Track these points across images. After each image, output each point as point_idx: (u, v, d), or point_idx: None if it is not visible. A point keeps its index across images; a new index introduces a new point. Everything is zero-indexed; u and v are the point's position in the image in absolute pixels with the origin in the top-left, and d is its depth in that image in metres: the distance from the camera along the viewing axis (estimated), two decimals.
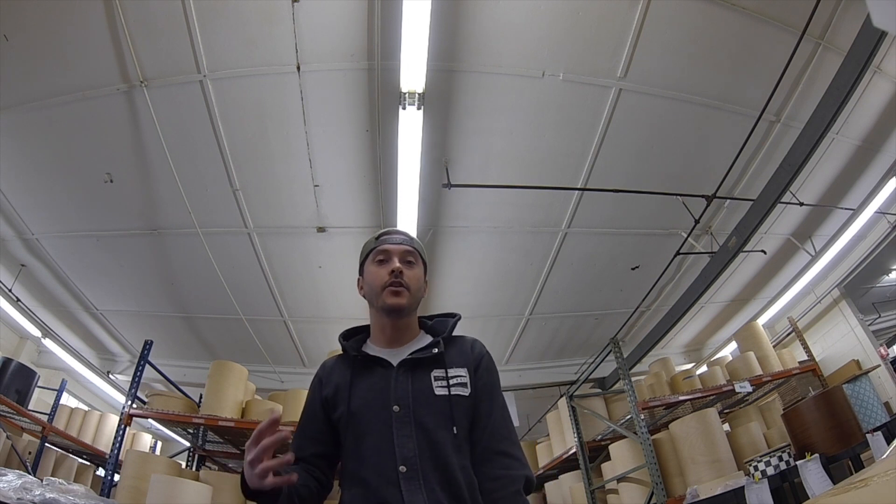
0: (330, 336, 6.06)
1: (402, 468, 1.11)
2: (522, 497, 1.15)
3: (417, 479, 1.11)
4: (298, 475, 1.11)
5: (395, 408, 1.18)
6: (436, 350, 1.27)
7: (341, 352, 1.38)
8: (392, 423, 1.17)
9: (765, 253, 4.71)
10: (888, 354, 5.52)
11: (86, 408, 6.29)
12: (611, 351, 4.45)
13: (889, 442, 2.84)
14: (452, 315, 1.41)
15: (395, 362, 1.25)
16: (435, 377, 1.23)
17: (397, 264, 1.31)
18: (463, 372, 1.26)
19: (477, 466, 1.19)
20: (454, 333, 1.37)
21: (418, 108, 3.18)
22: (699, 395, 4.28)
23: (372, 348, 1.33)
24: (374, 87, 3.46)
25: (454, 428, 1.18)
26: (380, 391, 1.21)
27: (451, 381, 1.23)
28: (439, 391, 1.21)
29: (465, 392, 1.23)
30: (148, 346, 4.13)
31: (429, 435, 1.16)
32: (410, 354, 1.26)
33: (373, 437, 1.17)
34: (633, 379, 4.28)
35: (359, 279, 1.42)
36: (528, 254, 5.06)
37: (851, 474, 2.71)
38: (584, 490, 4.45)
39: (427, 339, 1.34)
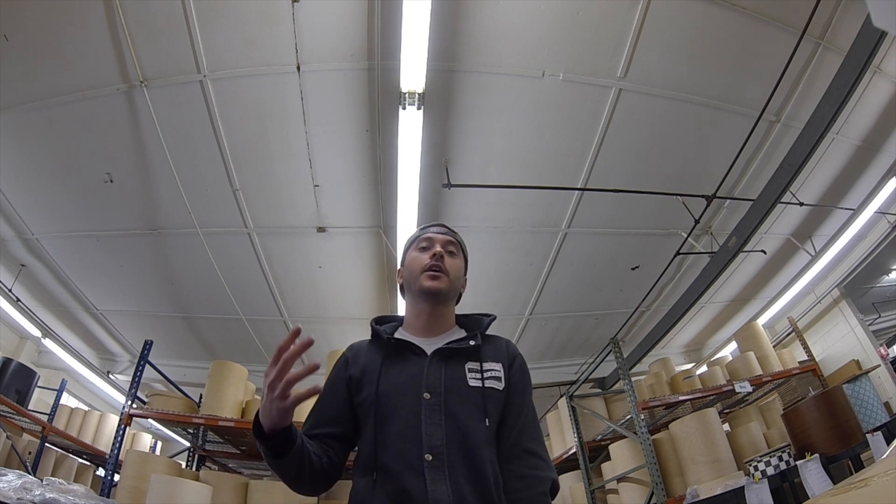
0: (330, 336, 6.06)
1: (428, 456, 1.08)
2: (548, 499, 1.14)
3: (443, 468, 1.07)
4: (310, 446, 1.09)
5: (426, 395, 1.15)
6: (472, 343, 1.26)
7: (370, 337, 1.36)
8: (421, 410, 1.13)
9: (765, 253, 4.71)
10: (888, 354, 5.52)
11: (86, 408, 6.30)
12: (611, 351, 4.45)
13: (889, 442, 2.84)
14: (488, 315, 1.40)
15: (428, 350, 1.24)
16: (469, 369, 1.22)
17: (439, 249, 1.33)
18: (497, 367, 1.25)
19: (503, 463, 1.16)
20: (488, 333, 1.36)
21: (418, 108, 3.18)
22: (699, 395, 4.27)
23: (405, 335, 1.31)
24: (374, 87, 3.46)
25: (486, 420, 1.16)
26: (411, 377, 1.19)
27: (486, 374, 1.22)
28: (473, 382, 1.20)
29: (500, 386, 1.22)
30: (148, 346, 4.12)
31: (459, 425, 1.13)
32: (446, 344, 1.25)
33: (398, 423, 1.13)
34: (633, 379, 4.28)
35: (399, 269, 1.44)
36: (528, 254, 5.06)
37: (851, 474, 2.71)
38: (584, 490, 4.45)
39: (461, 332, 1.34)
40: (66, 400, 5.65)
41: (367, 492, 1.10)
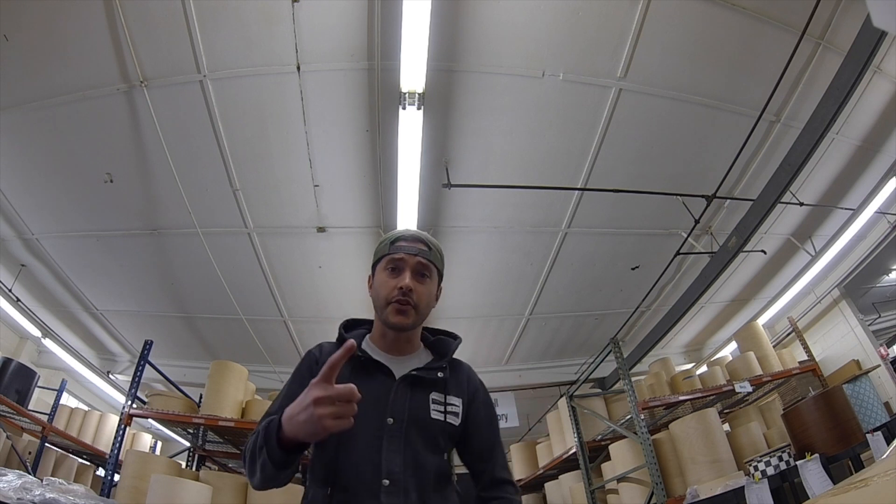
0: (330, 336, 5.94)
1: (386, 482, 1.10)
2: None
3: (399, 494, 1.10)
4: None
5: (390, 420, 1.17)
6: (440, 374, 1.28)
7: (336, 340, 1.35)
8: (384, 434, 1.15)
9: (765, 253, 4.71)
10: (888, 354, 5.52)
11: (86, 408, 6.30)
12: (611, 351, 4.45)
13: (889, 442, 2.84)
14: (454, 336, 1.40)
15: (396, 373, 1.24)
16: (433, 399, 1.24)
17: (407, 281, 1.25)
18: (458, 402, 1.28)
19: (480, 491, 1.29)
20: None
21: (418, 108, 3.18)
22: (699, 395, 4.27)
23: (373, 349, 1.31)
24: (374, 87, 3.46)
25: (443, 454, 1.23)
26: (377, 399, 1.19)
27: (448, 409, 1.25)
28: (435, 415, 1.22)
29: (456, 422, 1.26)
30: (148, 346, 4.13)
31: (416, 455, 1.16)
32: (415, 370, 1.25)
33: (360, 444, 1.14)
34: (633, 379, 4.28)
35: (370, 277, 1.38)
36: (528, 254, 5.05)
37: (851, 474, 2.71)
38: (584, 490, 4.45)
39: (427, 355, 1.34)
40: (66, 400, 5.64)
41: (324, 503, 1.12)
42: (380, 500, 1.09)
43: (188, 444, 4.84)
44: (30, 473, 3.10)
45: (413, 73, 3.01)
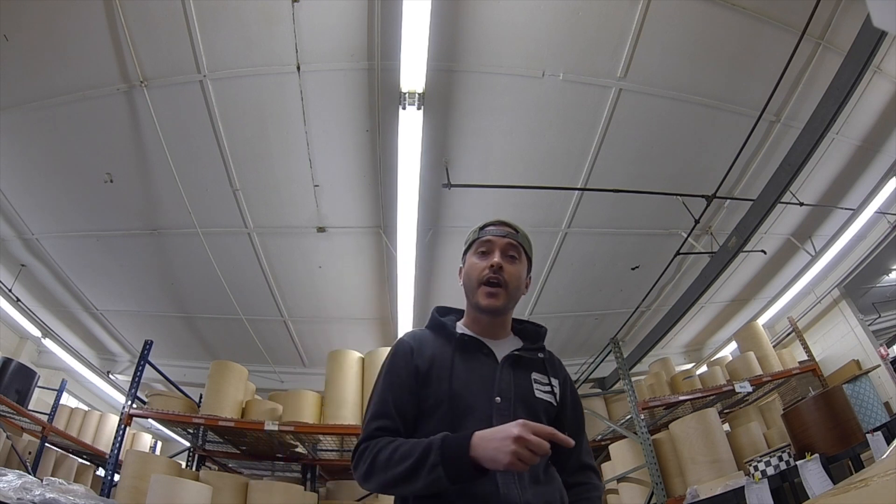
0: (330, 336, 6.07)
1: None
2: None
3: (513, 473, 1.09)
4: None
5: (497, 399, 1.17)
6: (540, 355, 1.30)
7: (425, 328, 1.35)
8: (493, 413, 1.15)
9: (765, 253, 4.70)
10: (888, 354, 5.51)
11: (86, 408, 6.30)
12: (611, 351, 4.45)
13: (889, 442, 2.84)
14: (541, 325, 1.41)
15: (498, 353, 1.25)
16: (535, 379, 1.26)
17: (497, 259, 1.28)
18: (555, 382, 1.30)
19: (567, 475, 1.27)
20: None
21: (418, 108, 3.17)
22: (699, 395, 4.27)
23: (468, 332, 1.31)
24: (374, 87, 3.46)
25: None
26: (483, 378, 1.20)
27: (547, 388, 1.27)
28: (539, 394, 1.24)
29: (555, 402, 1.27)
30: (148, 346, 4.12)
31: None
32: (517, 351, 1.26)
33: (472, 424, 1.10)
34: (633, 379, 4.28)
35: (460, 268, 1.40)
36: None
37: (851, 474, 2.71)
38: None
39: (518, 340, 1.35)
40: (66, 400, 5.65)
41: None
42: (496, 481, 1.08)
43: (188, 444, 4.83)
44: (30, 473, 3.10)
45: (413, 73, 3.00)
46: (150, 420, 4.11)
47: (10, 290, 5.11)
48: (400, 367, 1.24)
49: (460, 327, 1.32)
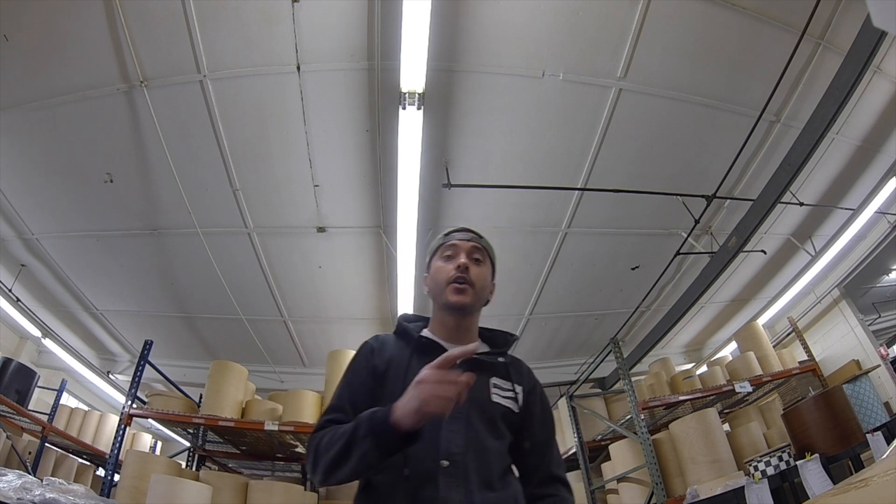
0: (330, 336, 6.07)
1: (445, 462, 1.08)
2: None
3: (458, 477, 1.07)
4: None
5: None
6: (501, 360, 1.28)
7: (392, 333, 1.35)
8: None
9: (765, 253, 4.71)
10: (888, 354, 5.51)
11: (86, 408, 6.30)
12: (611, 351, 4.44)
13: (889, 442, 2.84)
14: (511, 334, 1.41)
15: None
16: (494, 384, 1.24)
17: (464, 259, 1.29)
18: (518, 389, 1.27)
19: (534, 487, 1.23)
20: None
21: (418, 108, 3.18)
22: (699, 395, 4.27)
23: (433, 337, 1.31)
24: (374, 87, 3.46)
25: (502, 438, 1.20)
26: None
27: (507, 394, 1.24)
28: (496, 398, 1.21)
29: (516, 409, 1.24)
30: (148, 346, 4.12)
31: (478, 437, 1.14)
32: (476, 355, 1.21)
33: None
34: (633, 379, 4.28)
35: (425, 277, 1.41)
36: (528, 254, 5.05)
37: (851, 474, 2.71)
38: (584, 490, 4.45)
39: (484, 347, 1.34)
40: (66, 400, 5.64)
41: (380, 490, 1.10)
42: (437, 483, 1.06)
43: (188, 444, 4.83)
44: (30, 473, 3.10)
45: (413, 73, 3.00)
46: (150, 420, 4.11)
47: (10, 290, 5.11)
48: (360, 366, 1.26)
49: (426, 332, 1.32)
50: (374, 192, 4.24)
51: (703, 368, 5.78)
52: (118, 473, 3.55)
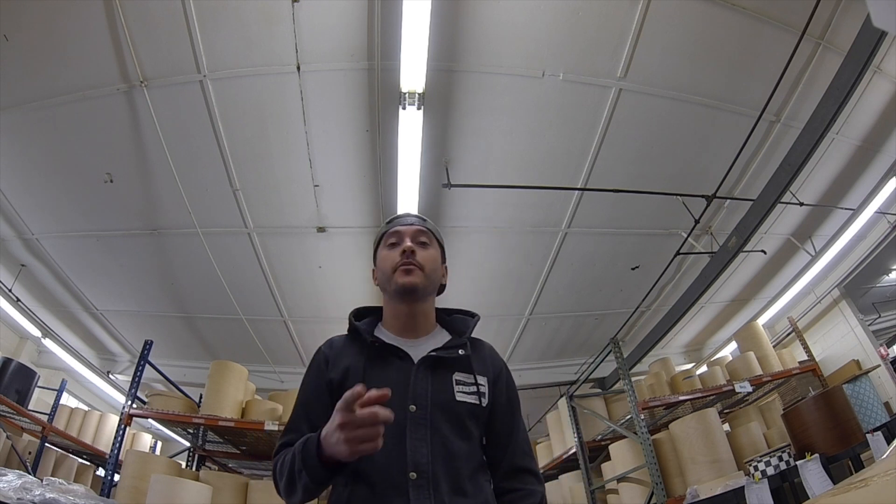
0: (330, 336, 6.02)
1: (413, 475, 1.03)
2: None
3: (428, 488, 1.03)
4: None
5: (412, 407, 1.09)
6: (461, 352, 1.19)
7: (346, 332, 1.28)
8: (406, 423, 1.08)
9: (765, 253, 4.71)
10: (888, 354, 5.51)
11: (86, 408, 6.30)
12: (611, 351, 4.44)
13: (889, 442, 2.84)
14: (472, 314, 1.33)
15: (414, 356, 1.17)
16: (457, 381, 1.16)
17: (408, 243, 1.24)
18: (483, 381, 1.20)
19: (497, 481, 1.18)
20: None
21: (418, 108, 3.18)
22: (699, 395, 4.27)
23: (386, 335, 1.24)
24: (374, 87, 3.46)
25: (470, 438, 1.14)
26: (397, 386, 1.09)
27: (472, 389, 1.17)
28: (460, 396, 1.14)
29: (483, 402, 1.17)
30: (148, 346, 4.12)
31: (445, 442, 1.09)
32: (434, 351, 1.17)
33: (386, 436, 1.06)
34: (633, 379, 4.28)
35: (373, 269, 1.34)
36: (528, 254, 5.05)
37: (851, 474, 2.71)
38: (584, 490, 4.45)
39: (444, 335, 1.27)
40: (66, 400, 5.64)
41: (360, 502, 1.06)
42: (408, 496, 1.01)
43: (188, 444, 4.83)
44: (30, 473, 3.10)
45: (413, 73, 3.01)
46: (150, 420, 4.11)
47: (10, 290, 5.11)
48: (314, 380, 1.21)
49: (378, 330, 1.26)
50: (374, 192, 4.24)
51: (703, 368, 5.78)
52: (118, 473, 3.55)
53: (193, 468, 4.52)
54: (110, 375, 6.73)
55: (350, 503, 1.05)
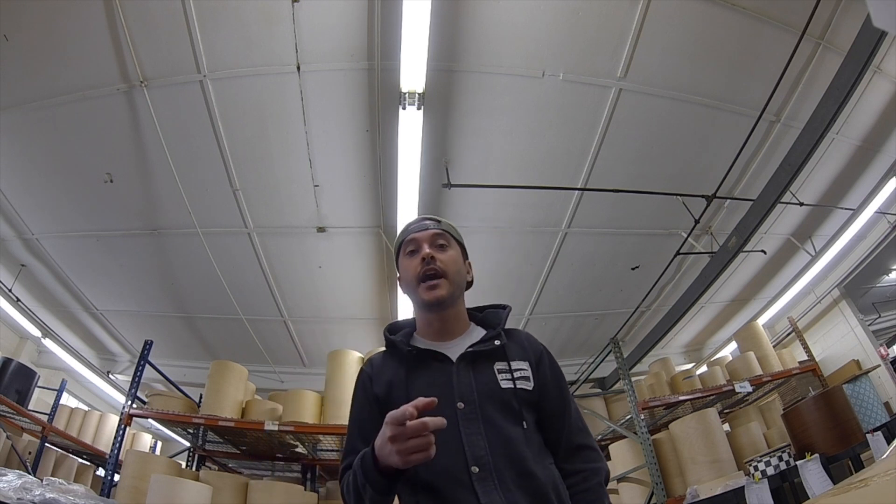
0: (330, 336, 6.06)
1: (475, 469, 1.04)
2: (604, 489, 1.16)
3: (492, 479, 1.03)
4: None
5: (460, 404, 1.10)
6: (497, 342, 1.20)
7: (384, 347, 1.30)
8: (458, 421, 1.08)
9: (765, 253, 4.71)
10: (888, 354, 5.52)
11: (86, 408, 6.30)
12: (611, 351, 4.44)
13: (889, 442, 2.84)
14: (503, 306, 1.34)
15: (452, 356, 1.18)
16: (498, 370, 1.17)
17: (427, 250, 1.24)
18: (525, 365, 1.20)
19: (559, 462, 1.17)
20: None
21: (418, 108, 3.18)
22: (699, 395, 4.27)
23: (422, 342, 1.25)
24: (374, 87, 3.46)
25: (524, 422, 1.13)
26: (441, 387, 1.12)
27: (516, 374, 1.17)
28: (505, 384, 1.15)
29: (529, 386, 1.17)
30: (148, 346, 4.12)
31: (499, 431, 1.09)
32: (471, 347, 1.18)
33: (438, 438, 1.03)
34: (633, 379, 4.28)
35: (398, 277, 1.35)
36: (528, 254, 5.05)
37: (851, 474, 2.72)
38: None
39: (480, 331, 1.28)
40: (66, 400, 5.64)
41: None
42: (474, 490, 1.01)
43: (188, 444, 4.83)
44: (30, 473, 3.10)
45: (413, 73, 3.01)
46: (150, 420, 4.11)
47: (10, 290, 5.11)
48: (361, 399, 1.23)
49: (414, 339, 1.27)
50: (374, 192, 4.25)
51: (703, 368, 5.79)
52: (118, 473, 3.55)
53: (193, 468, 4.51)
54: (110, 375, 6.73)
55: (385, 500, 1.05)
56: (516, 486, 1.04)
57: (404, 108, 3.17)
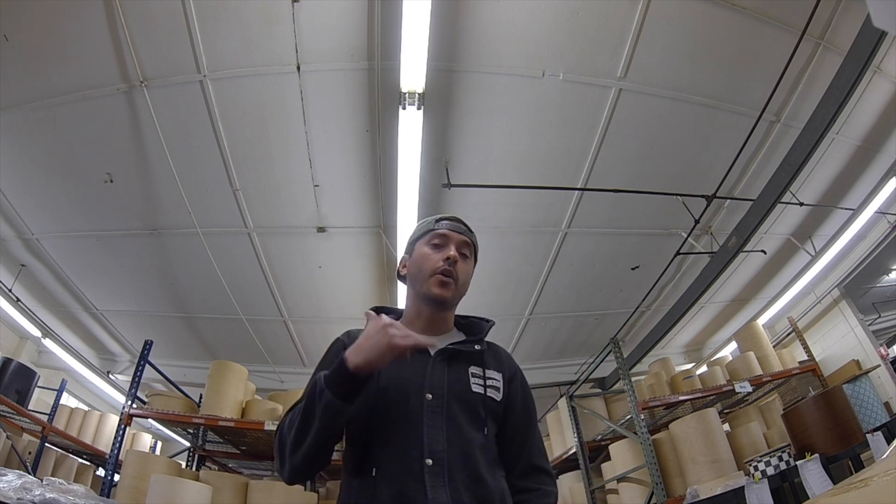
0: (330, 336, 6.01)
1: (429, 461, 1.04)
2: None
3: (443, 475, 1.04)
4: None
5: (429, 396, 1.12)
6: (477, 347, 1.24)
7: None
8: (423, 411, 1.09)
9: (765, 253, 4.71)
10: (888, 354, 5.51)
11: (86, 408, 6.30)
12: (611, 351, 4.44)
13: (889, 442, 2.84)
14: (487, 320, 1.37)
15: (431, 350, 1.19)
16: (472, 373, 1.19)
17: (454, 252, 1.25)
18: (498, 377, 1.23)
19: (513, 479, 1.19)
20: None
21: (418, 108, 3.18)
22: (699, 395, 4.27)
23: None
24: (374, 87, 3.46)
25: (485, 429, 1.15)
26: (412, 374, 1.14)
27: (488, 382, 1.19)
28: (476, 388, 1.17)
29: (498, 397, 1.20)
30: (148, 346, 4.12)
31: (460, 431, 1.10)
32: (452, 344, 1.21)
33: (399, 423, 1.08)
34: (633, 379, 4.27)
35: (404, 258, 1.35)
36: (528, 254, 5.05)
37: (851, 474, 2.72)
38: (584, 490, 4.45)
39: (460, 336, 1.30)
40: (66, 400, 5.64)
41: (365, 491, 1.06)
42: (424, 482, 1.02)
43: (188, 444, 4.83)
44: (30, 473, 3.10)
45: (413, 73, 3.00)
46: (150, 420, 4.11)
47: (10, 290, 5.11)
48: (330, 362, 1.20)
49: None
50: (374, 192, 4.25)
51: (703, 368, 5.78)
52: (118, 473, 3.55)
53: (193, 468, 4.51)
54: (110, 375, 6.73)
55: (366, 489, 1.05)
56: (465, 487, 1.04)
57: (404, 108, 3.17)
